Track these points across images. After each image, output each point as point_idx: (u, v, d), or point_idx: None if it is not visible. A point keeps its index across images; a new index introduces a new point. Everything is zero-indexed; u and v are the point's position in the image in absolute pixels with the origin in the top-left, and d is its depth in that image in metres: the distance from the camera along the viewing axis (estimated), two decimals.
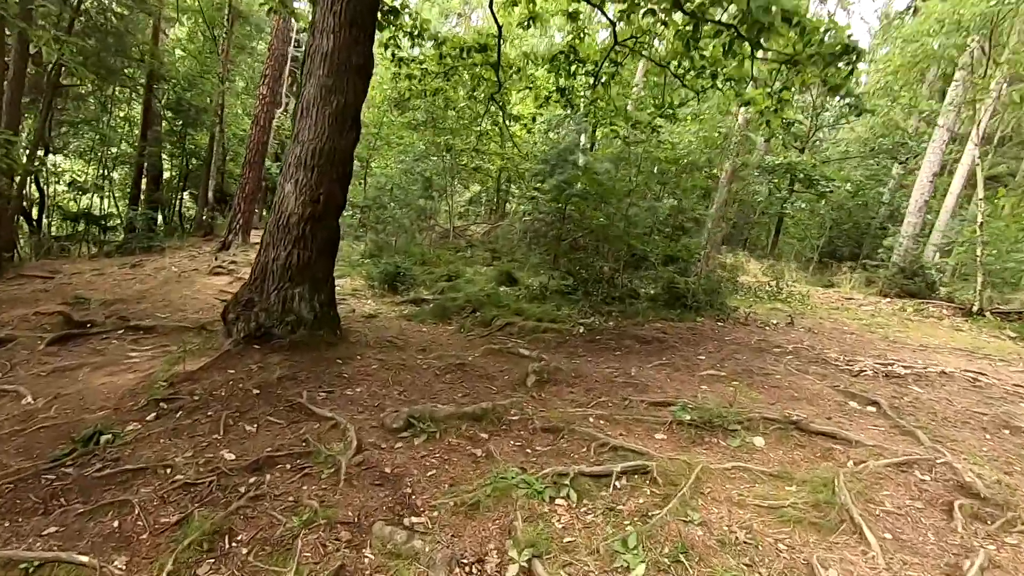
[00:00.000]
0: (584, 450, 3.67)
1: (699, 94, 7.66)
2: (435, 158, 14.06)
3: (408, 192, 13.52)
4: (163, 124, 19.18)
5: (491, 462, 3.46)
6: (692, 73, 7.47)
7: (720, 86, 7.32)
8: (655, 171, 10.18)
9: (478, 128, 9.44)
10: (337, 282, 11.30)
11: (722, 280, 8.47)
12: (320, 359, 4.98)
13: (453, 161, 13.76)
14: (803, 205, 19.92)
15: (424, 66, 8.03)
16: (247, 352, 4.93)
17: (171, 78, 18.55)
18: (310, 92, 5.18)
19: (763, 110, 6.59)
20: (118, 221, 18.95)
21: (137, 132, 18.51)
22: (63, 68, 14.12)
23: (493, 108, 8.96)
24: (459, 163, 14.04)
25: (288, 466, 3.27)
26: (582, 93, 9.04)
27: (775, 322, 7.77)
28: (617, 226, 8.65)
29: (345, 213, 16.87)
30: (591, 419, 4.13)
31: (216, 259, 13.02)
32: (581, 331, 6.79)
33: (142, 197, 19.90)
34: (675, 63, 7.52)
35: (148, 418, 3.88)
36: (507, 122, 8.79)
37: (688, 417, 3.95)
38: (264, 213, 26.62)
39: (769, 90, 6.37)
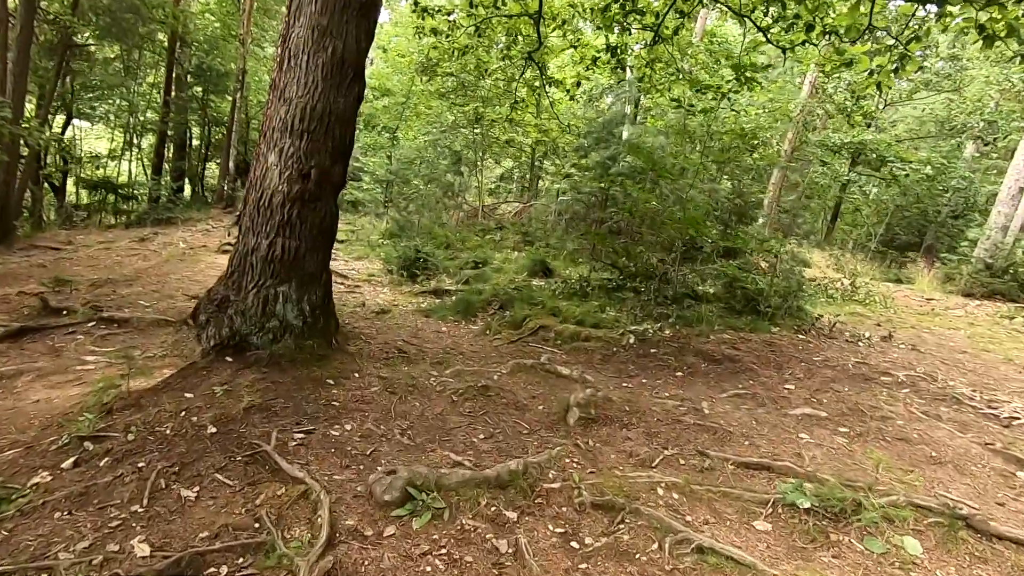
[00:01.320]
0: (654, 549, 2.53)
1: (786, 52, 6.23)
2: (464, 130, 12.82)
3: (435, 166, 12.36)
4: (189, 89, 18.39)
5: (521, 568, 2.35)
6: (781, 25, 6.04)
7: (815, 40, 5.89)
8: (716, 147, 8.76)
9: (512, 95, 8.17)
10: (353, 265, 10.33)
11: (801, 280, 7.09)
12: (306, 379, 3.93)
13: (484, 133, 12.49)
14: (872, 188, 18.03)
15: (453, 16, 6.76)
16: (215, 366, 3.91)
17: (192, 41, 17.64)
18: (299, 35, 4.02)
19: (873, 70, 5.15)
20: (142, 190, 18.35)
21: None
22: (74, 27, 13.32)
23: (530, 71, 7.65)
24: (491, 135, 12.77)
25: (223, 571, 2.22)
26: (636, 53, 7.64)
27: (867, 335, 6.40)
28: (672, 210, 7.32)
29: (368, 187, 15.88)
30: (660, 490, 2.98)
31: (229, 234, 12.17)
32: (631, 341, 5.59)
33: (165, 166, 19.32)
34: (760, 11, 6.10)
35: (64, 465, 2.89)
36: (546, 86, 7.49)
37: (805, 503, 2.75)
38: None
39: (892, 42, 4.93)
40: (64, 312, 5.81)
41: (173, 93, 18.33)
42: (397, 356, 4.84)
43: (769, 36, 6.12)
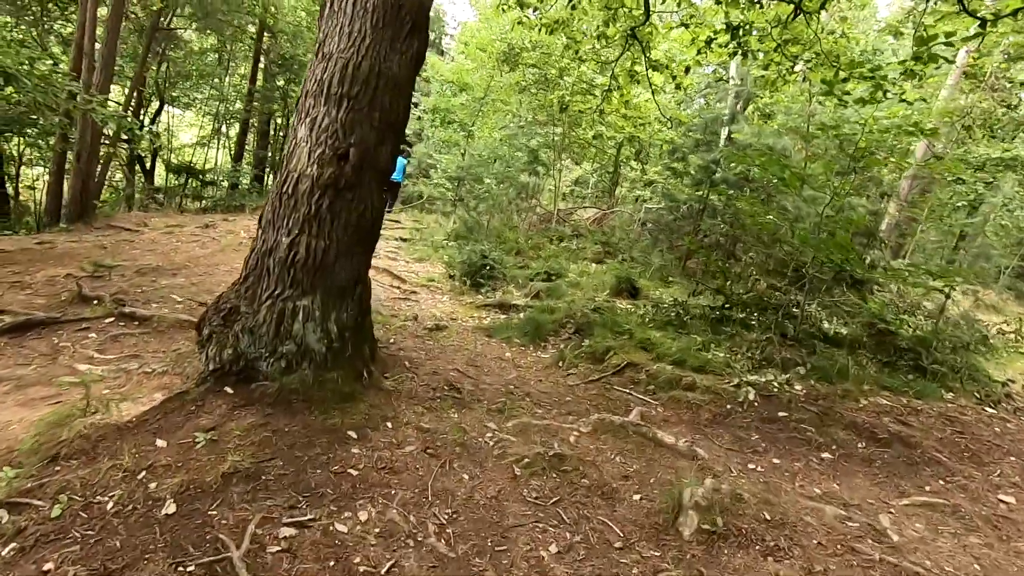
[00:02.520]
0: None
1: (985, 26, 4.65)
2: (543, 128, 11.70)
3: (510, 164, 11.33)
4: (273, 79, 18.50)
5: None
6: None
7: None
8: (860, 151, 7.15)
9: (605, 82, 6.97)
10: (413, 267, 9.44)
11: (979, 330, 5.40)
12: (319, 428, 2.92)
13: (566, 130, 11.32)
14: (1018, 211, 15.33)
15: None
16: (208, 401, 2.97)
17: (278, 31, 17.64)
18: None
19: None
20: (223, 177, 18.60)
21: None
22: (163, 9, 13.45)
23: (631, 52, 6.41)
24: (572, 134, 11.59)
25: None
26: (766, 32, 6.21)
27: None
28: (800, 228, 5.84)
29: (437, 182, 15.09)
30: None
31: None
32: (751, 397, 4.23)
33: (246, 154, 19.59)
34: None
35: None
36: (648, 71, 6.22)
37: None
38: None
39: None
40: (95, 301, 5.21)
41: (259, 83, 18.52)
42: (446, 396, 3.76)
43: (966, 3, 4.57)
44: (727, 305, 6.11)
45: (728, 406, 4.16)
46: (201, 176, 17.95)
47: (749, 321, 5.84)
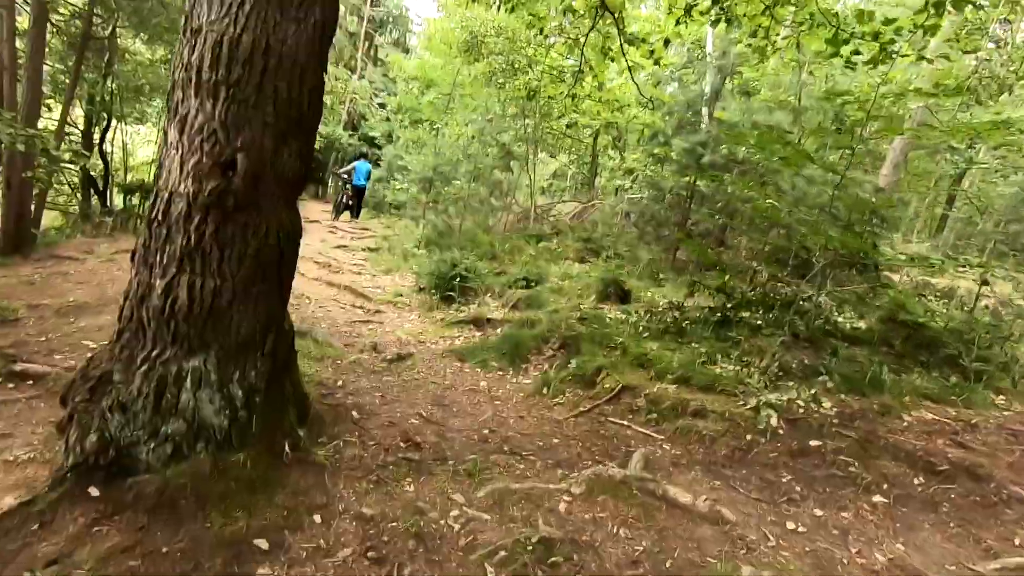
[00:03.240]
0: None
1: None
2: (513, 120, 10.92)
3: (481, 162, 10.54)
4: None
5: None
6: None
7: None
8: (850, 123, 6.51)
9: (576, 63, 6.23)
10: (379, 281, 8.60)
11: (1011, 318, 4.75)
12: (216, 541, 2.13)
13: (537, 120, 10.55)
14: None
15: None
16: (61, 512, 2.17)
17: None
18: None
19: None
20: None
21: None
22: (92, 18, 12.39)
23: (602, 25, 5.67)
24: (545, 125, 10.82)
25: None
26: None
27: None
28: (807, 212, 5.16)
29: (400, 187, 14.25)
30: None
31: None
32: (773, 421, 3.51)
33: None
34: None
35: None
36: (624, 46, 5.48)
37: None
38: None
39: None
40: None
41: None
42: (402, 459, 2.98)
43: None
44: (729, 305, 5.40)
45: (748, 437, 3.44)
46: None
47: (755, 321, 5.13)
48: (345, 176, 14.29)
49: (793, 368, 4.24)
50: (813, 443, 3.33)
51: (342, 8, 27.81)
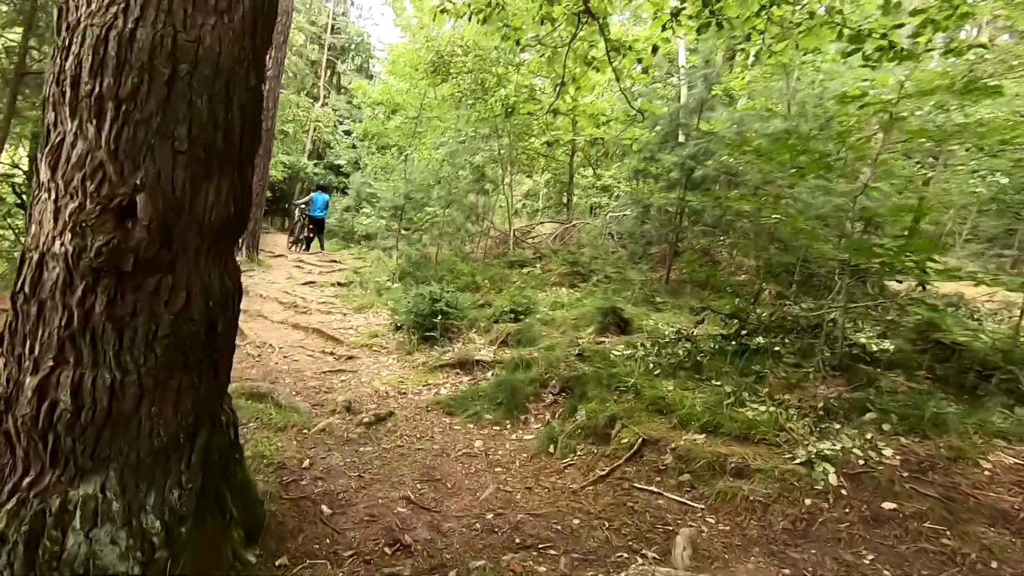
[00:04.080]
0: None
1: None
2: (485, 138, 10.43)
3: (454, 185, 9.97)
4: None
5: None
6: None
7: None
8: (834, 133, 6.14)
9: (549, 85, 5.77)
10: (352, 321, 7.84)
11: None
12: None
13: (512, 140, 10.07)
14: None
15: None
16: None
17: None
18: None
19: None
20: None
21: None
22: (27, 52, 11.51)
23: (586, 30, 5.20)
24: (520, 144, 10.35)
25: None
26: None
27: None
28: (814, 224, 4.71)
29: (368, 218, 13.58)
30: None
31: None
32: (831, 478, 2.95)
33: None
34: None
35: None
36: (609, 54, 5.01)
37: None
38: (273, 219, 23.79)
39: None
40: None
41: None
42: (387, 575, 2.30)
43: None
44: (743, 330, 4.88)
45: (807, 501, 2.86)
46: None
47: (773, 347, 4.61)
48: (303, 207, 14.08)
49: (834, 405, 3.70)
50: (887, 506, 2.77)
51: (301, 37, 27.31)
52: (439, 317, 6.04)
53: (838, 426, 3.45)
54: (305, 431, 3.71)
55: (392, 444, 3.69)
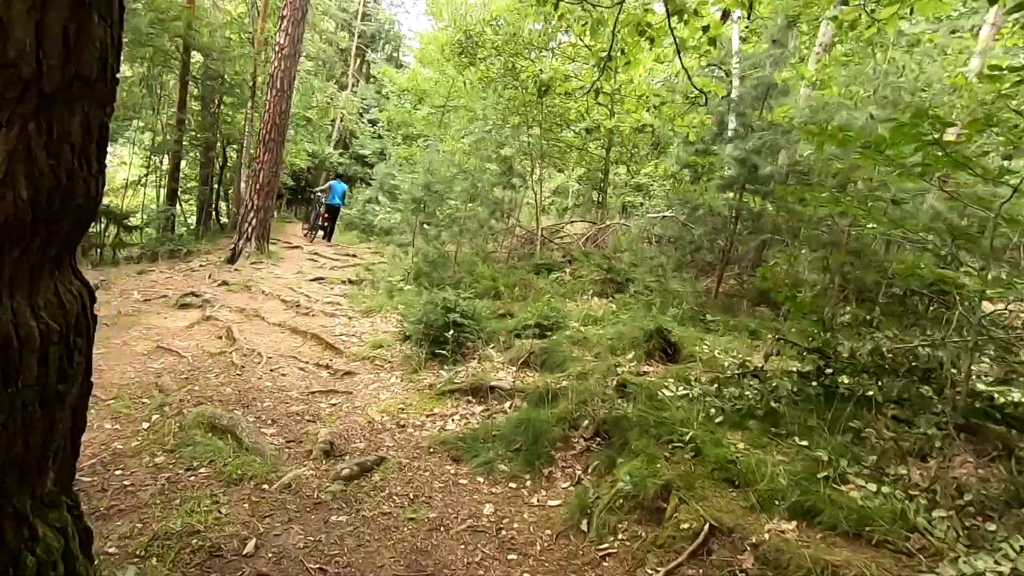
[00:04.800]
0: None
1: None
2: (515, 128, 9.52)
3: (479, 179, 9.09)
4: (207, 104, 16.16)
5: None
6: None
7: None
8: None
9: (602, 51, 4.82)
10: (356, 325, 6.88)
11: None
12: None
13: (543, 130, 9.13)
14: None
15: None
16: None
17: (202, 47, 15.26)
18: None
19: None
20: (145, 220, 16.04)
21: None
22: None
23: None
24: (555, 132, 9.41)
25: None
26: None
27: None
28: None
29: (386, 211, 12.80)
30: None
31: (210, 276, 9.32)
32: None
33: (179, 192, 17.13)
34: None
35: None
36: (670, 19, 4.06)
37: None
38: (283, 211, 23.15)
39: None
40: None
41: (196, 110, 16.24)
42: None
43: None
44: (827, 367, 3.88)
45: None
46: (121, 221, 15.44)
47: (866, 391, 3.60)
48: (321, 195, 14.19)
49: (975, 487, 2.70)
50: None
51: (331, 24, 26.77)
52: (452, 330, 5.16)
53: (992, 528, 2.46)
54: (265, 487, 2.88)
55: (375, 510, 2.82)
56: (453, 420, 4.12)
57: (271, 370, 4.97)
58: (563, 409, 3.90)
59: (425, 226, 9.90)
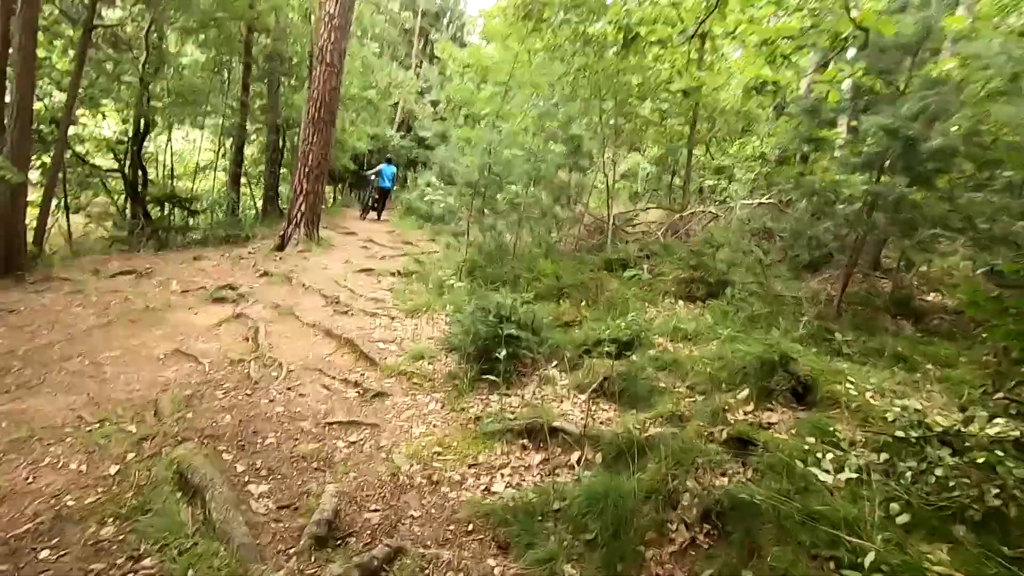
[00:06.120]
0: None
1: None
2: (587, 101, 8.32)
3: (542, 159, 7.96)
4: (271, 86, 15.90)
5: None
6: None
7: None
8: None
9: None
10: (397, 328, 4.92)
11: None
12: None
13: (618, 103, 7.87)
14: None
15: None
16: None
17: (264, 27, 14.90)
18: None
19: None
20: (206, 204, 16.04)
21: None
22: (97, 3, 10.84)
23: None
24: (631, 103, 8.12)
25: None
26: None
27: None
28: None
29: (436, 195, 11.89)
30: None
31: (255, 265, 8.78)
32: None
33: (241, 177, 17.09)
34: None
35: None
36: None
37: None
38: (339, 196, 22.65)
39: None
40: None
41: (259, 92, 16.06)
42: None
43: None
44: None
45: None
46: (186, 205, 15.47)
47: None
48: (373, 177, 15.13)
49: None
50: None
51: (395, 3, 26.11)
52: (506, 347, 4.13)
53: None
54: None
55: None
56: (502, 476, 3.10)
57: (288, 388, 4.14)
58: (654, 475, 2.79)
59: (483, 212, 8.91)
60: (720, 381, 3.64)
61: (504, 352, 4.04)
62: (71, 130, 14.66)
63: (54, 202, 14.74)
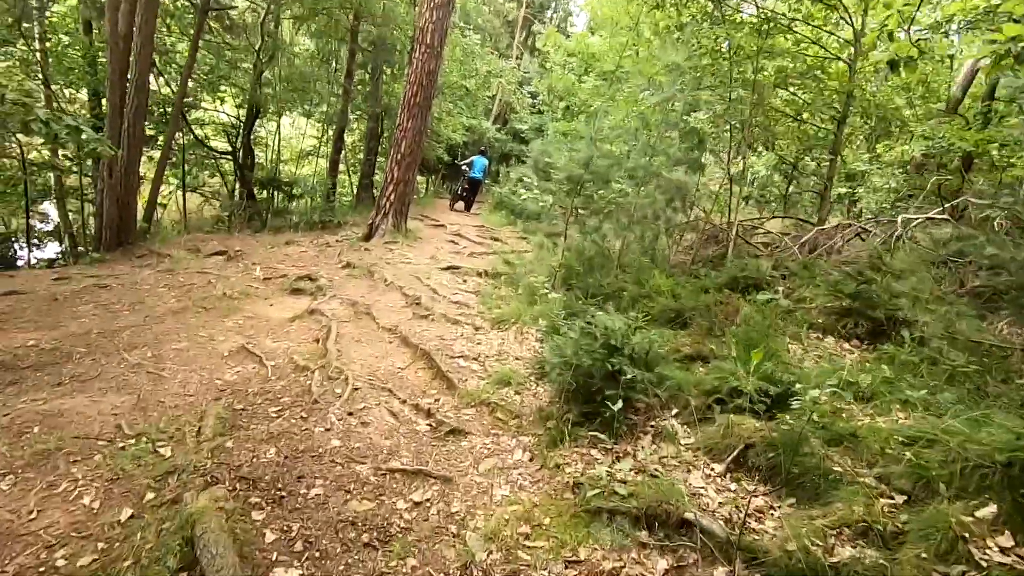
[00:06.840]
0: None
1: None
2: (714, 88, 7.14)
3: (655, 153, 6.89)
4: (374, 73, 15.92)
5: None
6: None
7: None
8: None
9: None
10: (483, 344, 3.23)
11: None
12: None
13: (756, 89, 6.62)
14: None
15: None
16: None
17: (371, 16, 14.80)
18: None
19: None
20: (302, 190, 16.31)
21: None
22: None
23: None
24: (768, 92, 6.84)
25: None
26: None
27: None
28: None
29: (531, 193, 11.00)
30: None
31: (339, 255, 8.43)
32: None
33: (341, 162, 17.29)
34: None
35: None
36: None
37: None
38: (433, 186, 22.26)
39: None
40: None
41: (363, 79, 16.14)
42: None
43: None
44: None
45: None
46: (286, 189, 15.82)
47: None
48: (465, 168, 15.00)
49: None
50: None
51: None
52: (616, 388, 3.20)
53: None
54: None
55: None
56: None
57: (350, 412, 3.47)
58: None
59: (582, 211, 7.97)
60: (938, 479, 2.49)
61: (618, 398, 3.12)
62: (194, 113, 15.46)
63: (175, 181, 15.57)
